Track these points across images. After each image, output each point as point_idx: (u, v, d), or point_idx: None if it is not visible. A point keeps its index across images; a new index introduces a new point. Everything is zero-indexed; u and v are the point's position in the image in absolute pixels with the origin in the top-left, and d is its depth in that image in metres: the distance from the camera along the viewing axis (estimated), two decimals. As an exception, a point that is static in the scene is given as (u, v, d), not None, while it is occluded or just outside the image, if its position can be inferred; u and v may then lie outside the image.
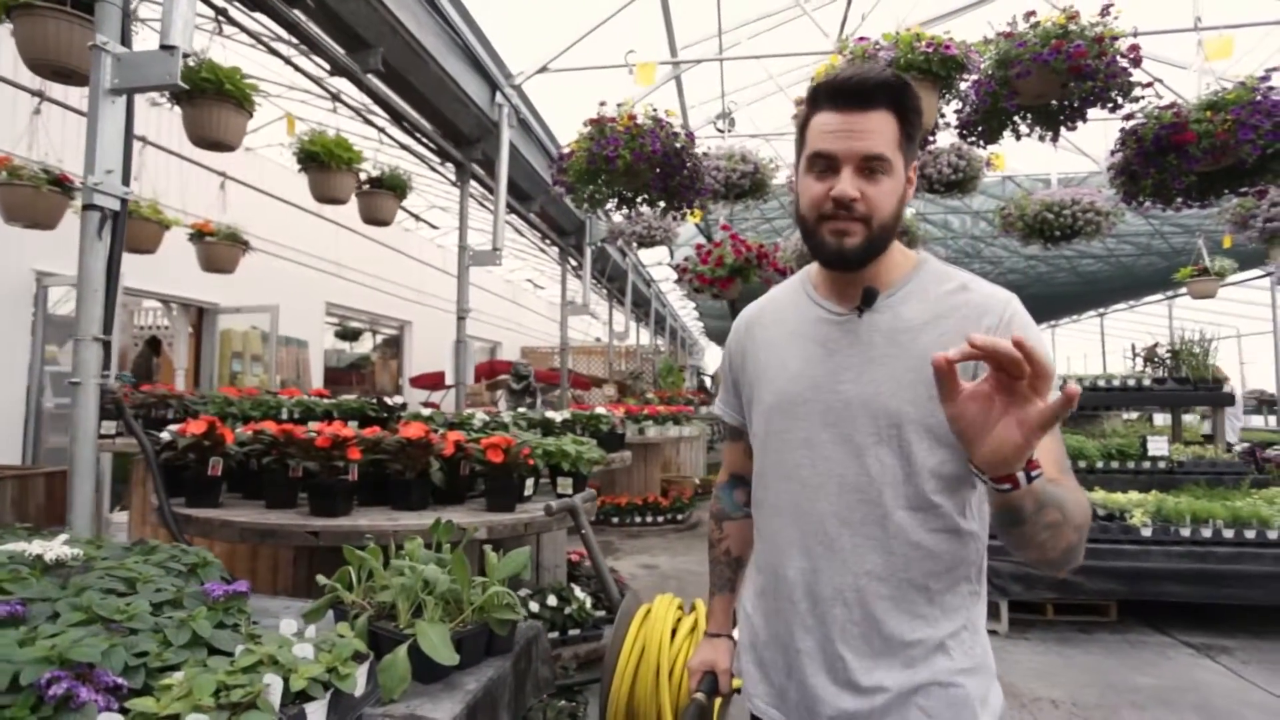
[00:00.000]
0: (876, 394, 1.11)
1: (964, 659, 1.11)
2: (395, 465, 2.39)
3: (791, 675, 1.19)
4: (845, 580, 1.12)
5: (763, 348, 1.29)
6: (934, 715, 1.09)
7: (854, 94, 1.08)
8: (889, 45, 2.86)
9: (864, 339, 1.15)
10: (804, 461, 1.17)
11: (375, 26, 3.65)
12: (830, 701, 1.13)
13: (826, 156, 1.09)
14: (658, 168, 3.40)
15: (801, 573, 1.16)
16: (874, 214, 1.08)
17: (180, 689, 1.02)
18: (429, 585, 1.54)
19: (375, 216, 4.74)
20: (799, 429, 1.18)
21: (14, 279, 6.20)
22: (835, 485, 1.14)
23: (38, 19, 2.44)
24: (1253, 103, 2.97)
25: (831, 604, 1.13)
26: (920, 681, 1.09)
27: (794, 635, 1.18)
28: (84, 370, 2.15)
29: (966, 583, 1.14)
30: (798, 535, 1.17)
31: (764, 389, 1.26)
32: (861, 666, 1.11)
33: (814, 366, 1.18)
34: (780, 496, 1.21)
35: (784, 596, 1.19)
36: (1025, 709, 3.42)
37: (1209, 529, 4.52)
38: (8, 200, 4.04)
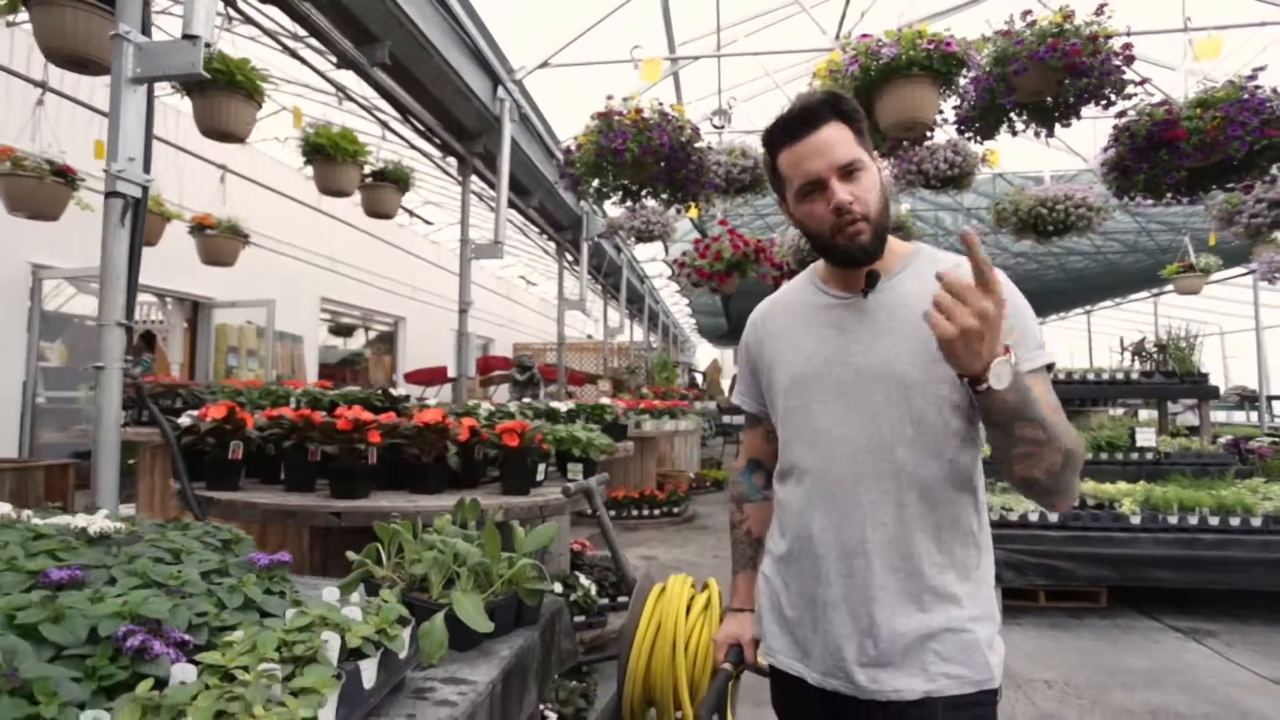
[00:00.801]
0: (884, 362, 1.23)
1: (973, 608, 1.22)
2: (412, 449, 2.44)
3: (817, 628, 1.28)
4: (866, 533, 1.23)
5: (777, 336, 1.41)
6: (947, 658, 1.19)
7: (804, 122, 1.22)
8: (891, 42, 2.94)
9: (870, 316, 1.27)
10: (823, 429, 1.28)
11: (383, 19, 3.68)
12: (854, 648, 1.22)
13: (813, 182, 1.22)
14: (664, 161, 3.47)
15: (825, 530, 1.26)
16: (870, 209, 1.22)
17: (244, 644, 1.07)
18: (460, 558, 1.60)
19: (378, 209, 4.77)
20: (817, 400, 1.30)
21: (10, 272, 6.18)
22: (851, 448, 1.25)
23: (56, 9, 2.47)
24: (1240, 100, 3.08)
25: (854, 557, 1.23)
26: (935, 628, 1.20)
27: (819, 589, 1.27)
28: (108, 355, 2.18)
29: (972, 535, 1.24)
30: (820, 497, 1.28)
31: (781, 371, 1.37)
32: (882, 614, 1.20)
33: (826, 345, 1.31)
34: (803, 463, 1.32)
35: (809, 554, 1.29)
36: (1020, 690, 3.51)
37: (1195, 517, 4.65)
38: (11, 191, 4.05)
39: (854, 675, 1.22)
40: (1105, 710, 3.28)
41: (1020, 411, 1.04)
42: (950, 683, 1.18)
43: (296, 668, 1.05)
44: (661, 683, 2.08)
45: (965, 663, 1.19)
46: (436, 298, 14.39)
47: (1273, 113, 3.07)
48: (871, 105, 3.07)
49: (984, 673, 1.20)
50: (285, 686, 0.99)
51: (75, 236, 5.38)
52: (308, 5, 3.26)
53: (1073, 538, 4.63)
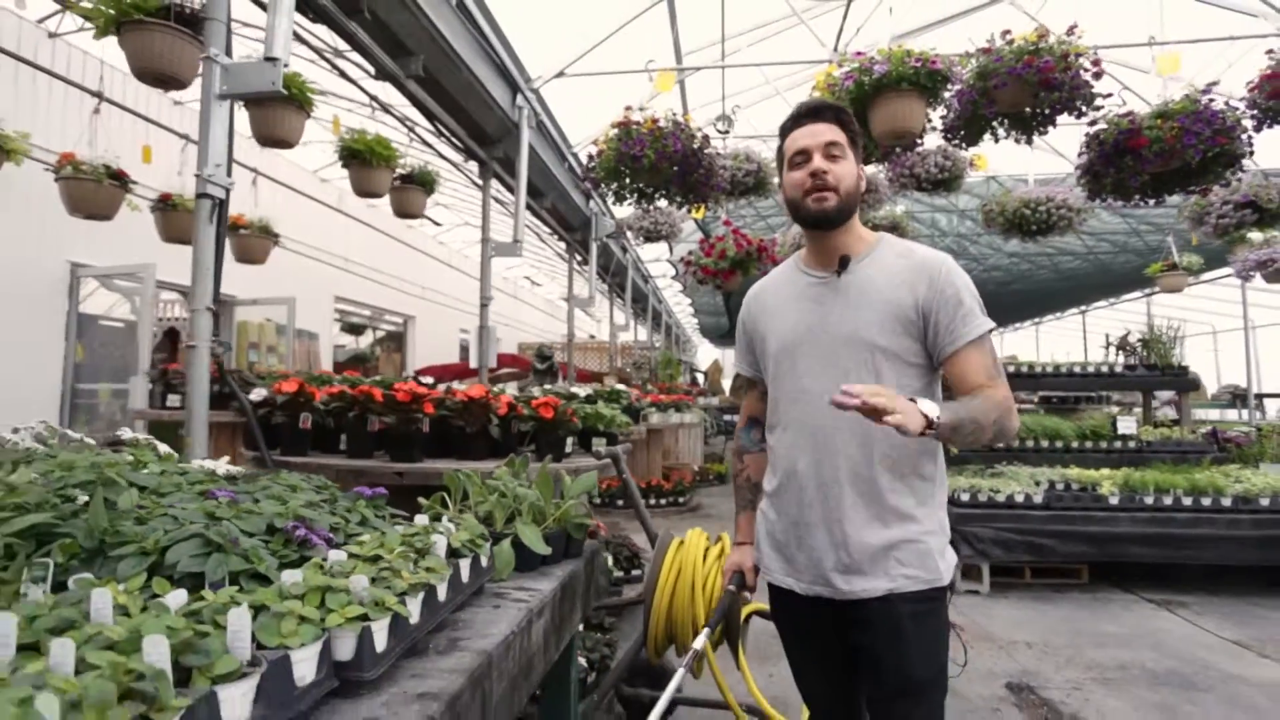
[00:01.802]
0: (854, 330, 1.55)
1: (928, 523, 1.56)
2: (459, 421, 2.76)
3: (801, 545, 1.61)
4: (839, 468, 1.55)
5: (768, 312, 1.73)
6: (905, 563, 1.52)
7: (810, 113, 1.59)
8: (882, 60, 3.27)
9: (842, 293, 1.59)
10: (805, 385, 1.61)
11: (417, 35, 4.01)
12: (831, 559, 1.56)
13: (802, 151, 1.57)
14: (677, 165, 3.80)
15: (807, 466, 1.60)
16: (840, 183, 1.55)
17: (374, 542, 1.40)
18: (519, 499, 1.93)
19: (406, 210, 5.10)
20: (800, 362, 1.62)
21: (52, 269, 6.50)
22: (827, 398, 1.55)
23: (147, 33, 2.79)
24: (1195, 112, 3.41)
25: (830, 486, 1.56)
26: (896, 539, 1.53)
27: (804, 513, 1.60)
28: (199, 334, 2.51)
29: (925, 467, 1.57)
30: (803, 440, 1.61)
31: (772, 340, 1.70)
32: (853, 529, 1.54)
33: (808, 316, 1.62)
34: (790, 414, 1.65)
35: (795, 487, 1.62)
36: (1002, 650, 3.83)
37: (1170, 498, 4.97)
38: (72, 193, 4.37)
39: (833, 581, 1.55)
40: (1078, 665, 3.60)
41: (959, 430, 1.37)
42: (908, 582, 1.51)
43: (419, 556, 1.38)
44: (682, 617, 2.42)
45: (920, 566, 1.52)
46: (445, 297, 14.73)
47: (1224, 123, 3.40)
48: (865, 116, 3.39)
49: (935, 574, 1.53)
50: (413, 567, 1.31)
51: (110, 236, 5.72)
52: (354, 24, 3.59)
53: (1055, 516, 4.95)
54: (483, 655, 1.23)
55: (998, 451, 6.16)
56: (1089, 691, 3.28)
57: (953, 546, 3.17)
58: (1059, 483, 5.28)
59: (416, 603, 1.21)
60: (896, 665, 1.51)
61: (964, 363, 1.50)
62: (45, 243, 6.33)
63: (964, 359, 1.50)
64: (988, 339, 1.53)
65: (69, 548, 1.13)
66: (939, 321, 1.52)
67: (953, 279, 1.54)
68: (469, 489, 1.99)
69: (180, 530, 1.18)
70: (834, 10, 5.34)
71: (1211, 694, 3.26)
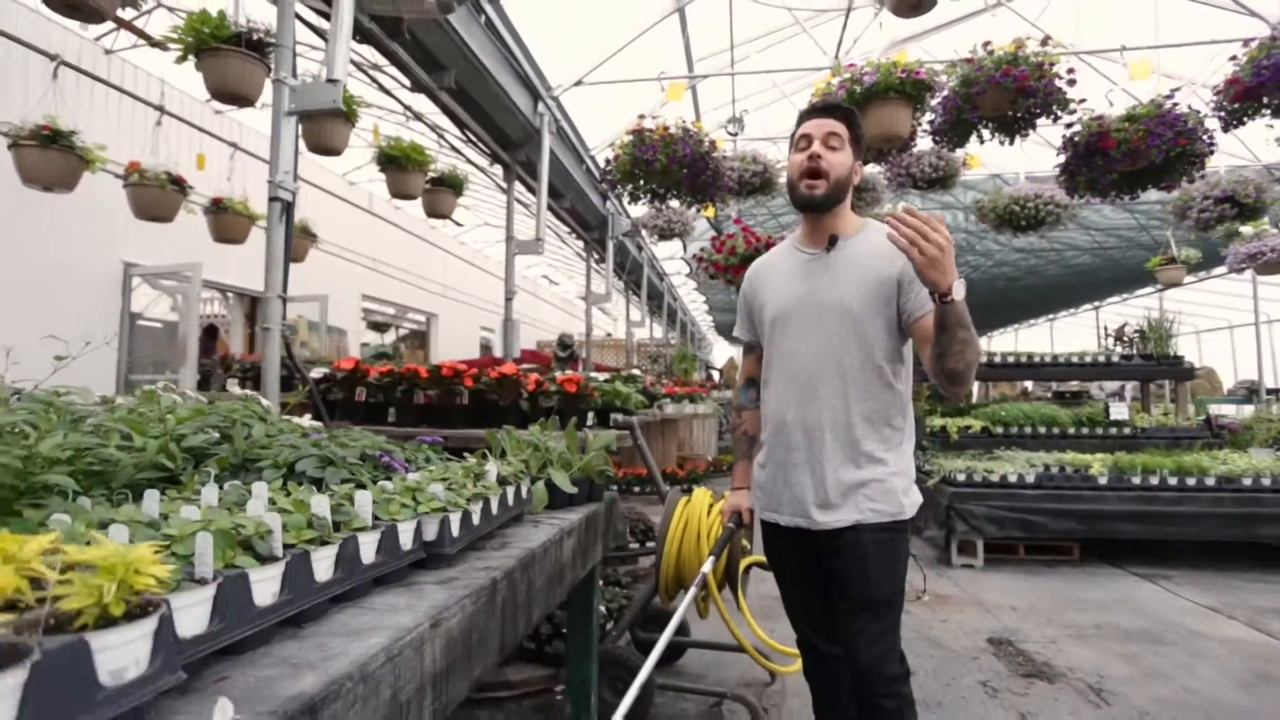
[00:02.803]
0: (838, 299, 1.81)
1: (895, 465, 1.83)
2: (493, 395, 3.14)
3: (787, 484, 1.89)
4: (821, 416, 1.83)
5: (766, 283, 2.01)
6: (872, 498, 1.80)
7: (822, 109, 1.87)
8: (872, 71, 3.60)
9: (830, 267, 1.86)
10: (795, 348, 1.89)
11: (450, 52, 4.40)
12: (811, 494, 1.84)
13: (805, 136, 1.83)
14: (686, 169, 4.16)
15: (794, 414, 1.88)
16: (832, 171, 1.79)
17: (440, 470, 1.77)
18: (550, 450, 2.30)
19: (437, 210, 5.51)
20: (791, 325, 1.90)
21: (106, 269, 6.99)
22: (814, 358, 1.85)
23: (222, 58, 3.20)
24: (1159, 116, 3.70)
25: (814, 432, 1.85)
26: (865, 478, 1.81)
27: (790, 456, 1.89)
28: (271, 318, 2.91)
29: (895, 419, 1.85)
30: (791, 393, 1.89)
31: (768, 308, 1.97)
32: (830, 469, 1.81)
33: (799, 287, 1.89)
34: (781, 371, 1.94)
35: (784, 434, 1.90)
36: (989, 612, 4.15)
37: (1156, 478, 5.25)
38: (138, 198, 4.82)
39: (811, 514, 1.83)
40: (1057, 624, 3.91)
41: (963, 318, 1.54)
42: (873, 514, 1.77)
43: (476, 480, 1.75)
44: (689, 563, 2.78)
45: (884, 502, 1.78)
46: (466, 295, 15.18)
47: (1185, 125, 3.69)
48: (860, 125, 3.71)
49: (897, 509, 1.79)
50: (473, 485, 1.69)
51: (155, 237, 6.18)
52: (395, 44, 3.98)
53: (1046, 495, 5.25)
54: (527, 552, 1.60)
55: (996, 437, 6.46)
56: (1063, 644, 3.59)
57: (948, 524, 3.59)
58: (1053, 465, 5.57)
59: (477, 509, 1.58)
60: (860, 584, 1.78)
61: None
62: (101, 243, 6.82)
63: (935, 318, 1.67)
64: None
65: (221, 462, 1.52)
66: (914, 286, 1.72)
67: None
68: (506, 446, 2.37)
69: (301, 451, 1.56)
70: (835, 19, 5.67)
71: (1175, 646, 3.56)
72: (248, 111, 6.07)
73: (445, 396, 3.04)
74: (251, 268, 7.78)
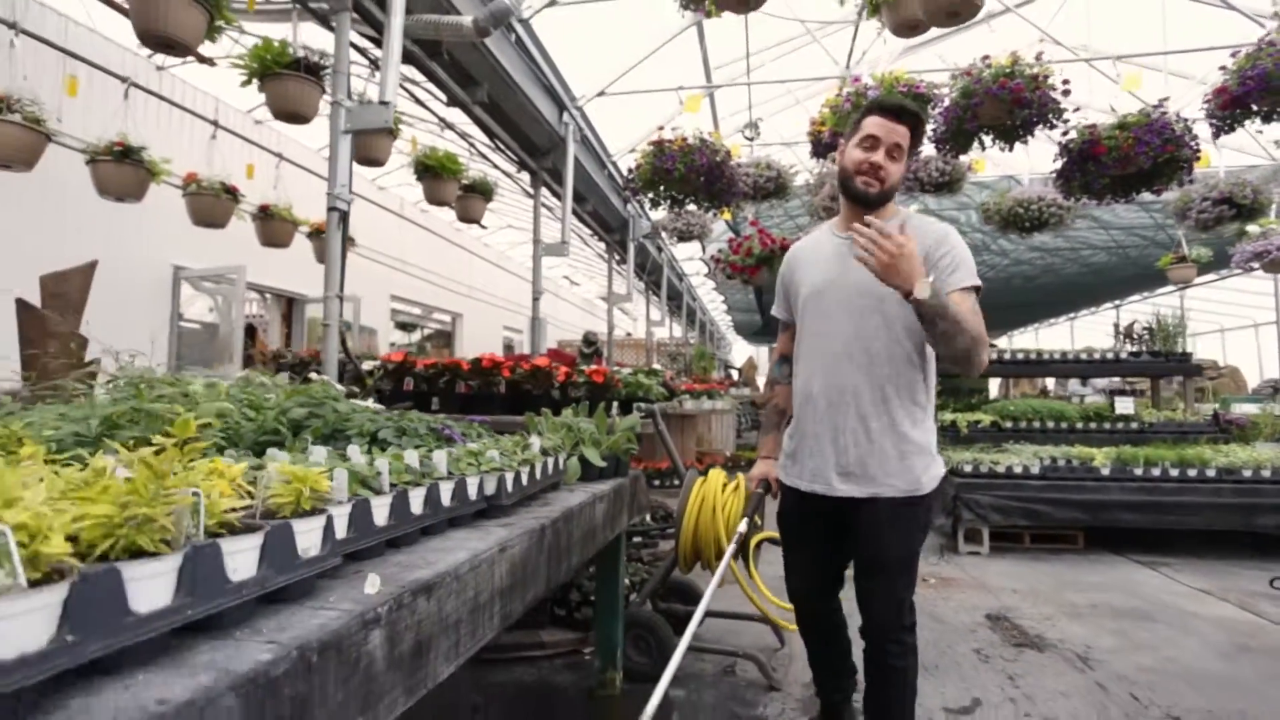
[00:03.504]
0: (869, 282, 1.82)
1: (916, 441, 1.96)
2: (527, 385, 3.46)
3: (810, 454, 2.06)
4: (846, 391, 1.97)
5: (802, 266, 2.17)
6: (890, 474, 1.92)
7: (895, 111, 1.93)
8: (876, 85, 3.87)
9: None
10: (825, 326, 2.03)
11: (483, 69, 4.73)
12: (833, 463, 2.00)
13: (873, 138, 1.91)
14: (703, 177, 4.45)
15: (820, 389, 2.02)
16: (889, 179, 1.93)
17: (488, 443, 2.08)
18: (582, 430, 2.60)
19: (469, 216, 5.85)
20: (824, 306, 2.04)
21: (157, 272, 7.43)
22: (843, 337, 1.98)
23: (283, 81, 3.55)
24: (1148, 124, 3.92)
25: (838, 407, 1.98)
26: (887, 453, 1.92)
27: (815, 427, 2.03)
28: (330, 315, 3.25)
29: (920, 397, 1.99)
30: (820, 368, 2.03)
31: (804, 287, 2.12)
32: (853, 442, 1.97)
33: (833, 270, 2.03)
34: (811, 347, 2.08)
35: (811, 405, 2.05)
36: (990, 593, 4.39)
37: (1158, 469, 5.44)
38: (195, 206, 5.21)
39: (831, 481, 1.98)
40: (1054, 604, 4.15)
41: (938, 312, 1.68)
42: (890, 489, 1.92)
43: (521, 451, 2.06)
44: (705, 536, 3.07)
45: (902, 478, 1.92)
46: (490, 296, 15.58)
47: (1173, 133, 3.91)
48: (863, 132, 3.99)
49: (914, 485, 1.93)
50: (520, 453, 1.99)
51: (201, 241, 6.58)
52: (434, 64, 4.32)
53: (1050, 485, 5.46)
54: (567, 509, 1.91)
55: (1005, 431, 6.66)
56: (1057, 620, 3.83)
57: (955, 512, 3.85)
58: (1059, 458, 5.77)
59: (525, 472, 1.89)
60: (875, 551, 1.97)
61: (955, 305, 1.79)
62: (152, 247, 7.26)
63: (955, 302, 1.80)
64: (972, 293, 1.89)
65: (316, 431, 1.84)
66: (936, 271, 1.86)
67: (954, 242, 1.94)
68: (543, 426, 2.68)
69: (379, 423, 1.88)
70: (845, 29, 5.92)
71: (1164, 623, 3.78)
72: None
73: (485, 386, 3.36)
74: (287, 270, 8.22)
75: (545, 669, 3.08)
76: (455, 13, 3.85)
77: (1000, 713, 2.70)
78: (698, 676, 3.03)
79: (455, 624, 1.20)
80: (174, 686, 0.69)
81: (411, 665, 1.06)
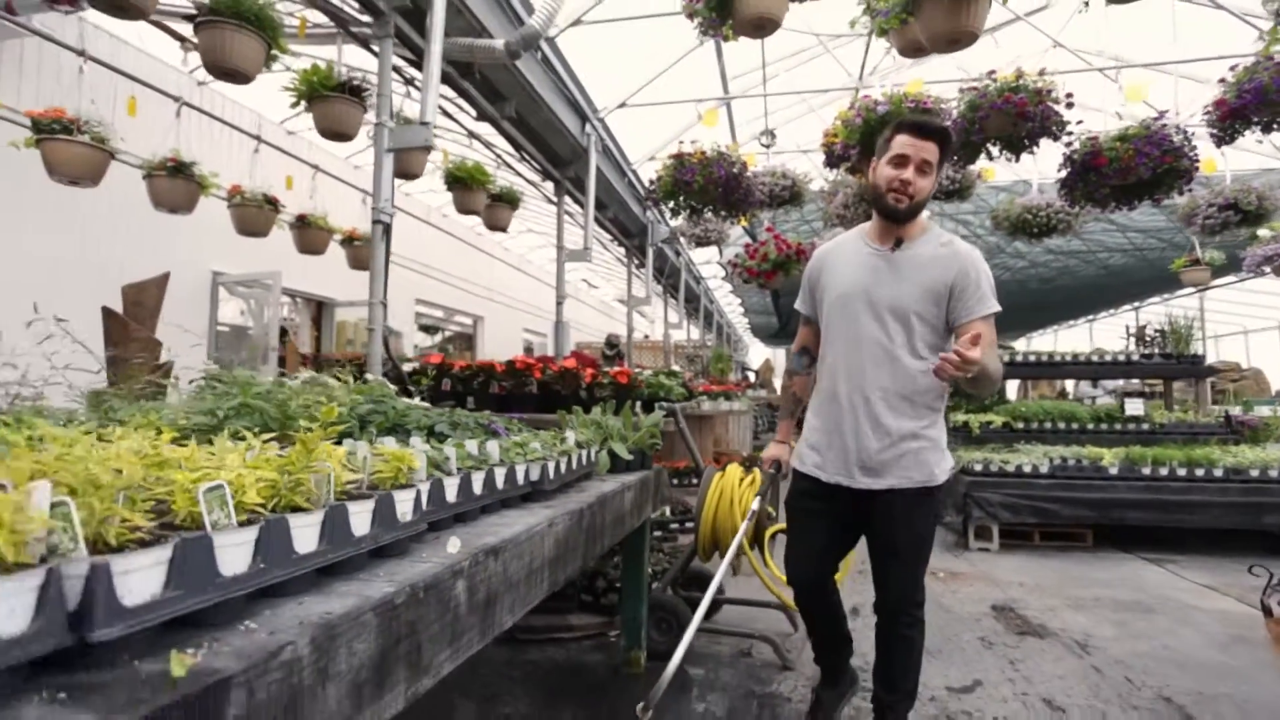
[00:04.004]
0: (897, 295, 2.09)
1: (930, 438, 2.16)
2: (556, 385, 3.70)
3: (831, 446, 2.24)
4: (868, 394, 2.14)
5: (831, 268, 2.31)
6: (907, 468, 2.11)
7: (922, 129, 2.07)
8: (885, 101, 4.06)
9: (893, 265, 2.14)
10: (852, 331, 2.18)
11: (511, 85, 4.99)
12: (855, 458, 2.18)
13: (902, 156, 2.04)
14: (721, 187, 4.67)
15: (845, 391, 2.19)
16: (917, 195, 2.07)
17: (529, 436, 2.32)
18: (610, 427, 2.84)
19: (496, 224, 6.11)
20: (851, 312, 2.18)
21: (197, 277, 7.77)
22: (869, 343, 2.15)
23: (329, 103, 3.82)
24: (1147, 136, 4.08)
25: (860, 407, 2.15)
26: (903, 450, 2.10)
27: (839, 424, 2.20)
28: (375, 320, 3.51)
29: (935, 402, 2.18)
30: (844, 370, 2.20)
31: (831, 290, 2.26)
32: (874, 440, 2.13)
33: (863, 279, 2.18)
34: (837, 350, 2.23)
35: (836, 404, 2.22)
36: (997, 587, 4.56)
37: (1165, 469, 5.57)
38: (240, 217, 5.52)
39: (853, 474, 2.15)
40: (1058, 596, 4.31)
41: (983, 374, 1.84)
42: (906, 481, 2.12)
43: (558, 444, 2.30)
44: (723, 526, 3.29)
45: (918, 470, 2.12)
46: (510, 299, 15.88)
47: (1172, 144, 4.06)
48: (873, 144, 4.18)
49: (928, 477, 2.13)
50: (556, 446, 2.22)
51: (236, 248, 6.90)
52: (467, 83, 4.58)
53: (1059, 484, 5.61)
54: (601, 495, 2.14)
55: (1016, 432, 6.81)
56: (1060, 611, 4.00)
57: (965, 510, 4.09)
58: (1068, 458, 5.92)
59: (563, 462, 2.12)
60: (892, 536, 2.17)
61: (974, 329, 1.90)
62: (194, 255, 7.60)
63: (976, 328, 1.91)
64: (992, 318, 2.11)
65: (380, 425, 2.08)
66: (963, 297, 2.06)
67: (979, 268, 2.11)
68: (575, 423, 2.91)
69: (433, 418, 2.12)
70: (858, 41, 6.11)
71: (1163, 614, 3.94)
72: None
73: (517, 387, 3.60)
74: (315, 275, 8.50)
75: (574, 649, 3.31)
76: (488, 36, 4.10)
77: (999, 691, 2.90)
78: (715, 658, 3.25)
79: (516, 583, 1.43)
80: (332, 605, 0.92)
81: (484, 612, 1.29)
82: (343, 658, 0.88)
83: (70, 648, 0.65)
